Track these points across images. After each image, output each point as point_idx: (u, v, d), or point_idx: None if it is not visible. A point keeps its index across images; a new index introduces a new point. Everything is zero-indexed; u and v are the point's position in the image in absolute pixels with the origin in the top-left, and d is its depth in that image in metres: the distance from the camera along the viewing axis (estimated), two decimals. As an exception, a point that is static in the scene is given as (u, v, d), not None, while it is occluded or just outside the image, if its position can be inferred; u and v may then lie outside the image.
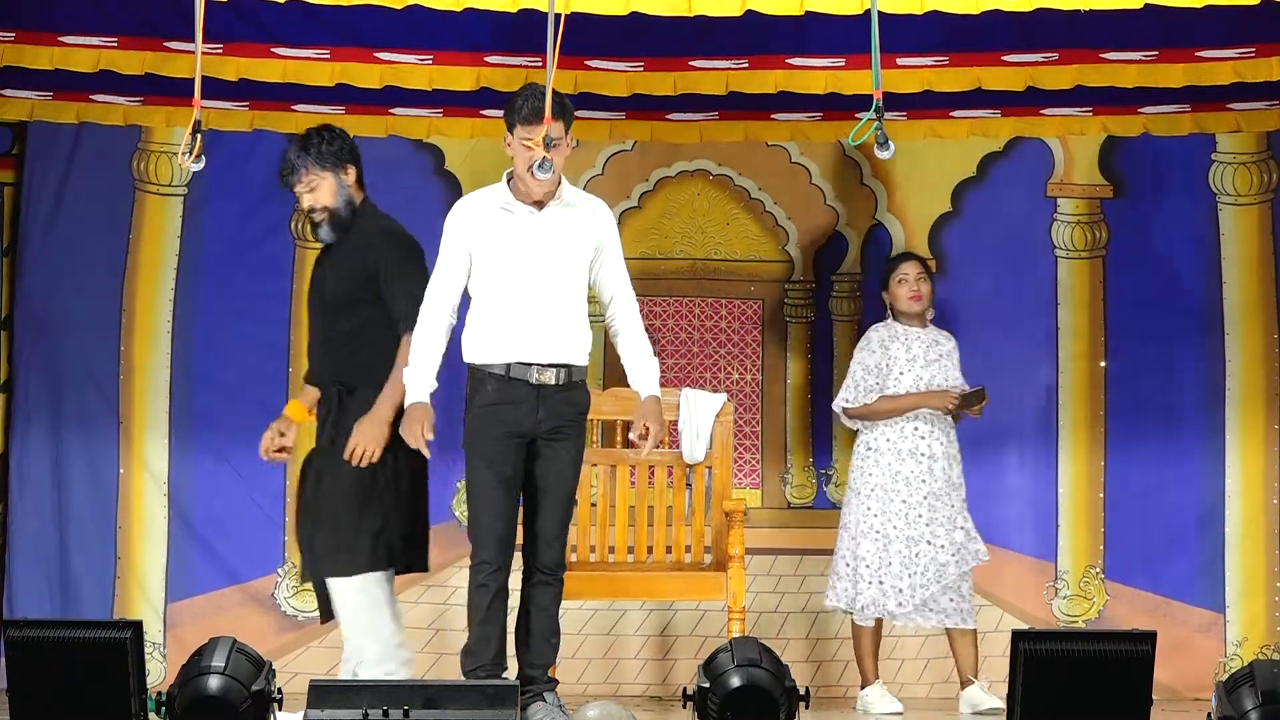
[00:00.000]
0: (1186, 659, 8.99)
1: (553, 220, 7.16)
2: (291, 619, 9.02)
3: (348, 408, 7.32)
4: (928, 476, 8.43)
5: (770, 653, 6.22)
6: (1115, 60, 8.18)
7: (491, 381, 7.15)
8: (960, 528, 8.43)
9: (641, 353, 7.30)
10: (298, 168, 7.39)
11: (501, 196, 7.20)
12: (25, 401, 9.00)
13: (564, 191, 7.20)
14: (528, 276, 7.13)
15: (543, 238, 7.14)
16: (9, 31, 7.89)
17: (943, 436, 8.48)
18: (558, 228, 7.16)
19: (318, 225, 7.45)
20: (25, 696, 6.01)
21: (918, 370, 8.49)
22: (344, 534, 7.25)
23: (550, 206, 7.17)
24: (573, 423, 7.20)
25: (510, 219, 7.17)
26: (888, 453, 8.45)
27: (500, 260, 7.15)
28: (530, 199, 7.16)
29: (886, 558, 8.37)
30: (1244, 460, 9.16)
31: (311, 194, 7.39)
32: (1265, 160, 9.27)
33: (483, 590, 7.15)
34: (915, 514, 8.39)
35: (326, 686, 6.13)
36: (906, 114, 8.80)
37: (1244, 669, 6.14)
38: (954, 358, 8.64)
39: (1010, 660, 6.17)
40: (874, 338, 8.59)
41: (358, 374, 7.34)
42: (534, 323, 7.11)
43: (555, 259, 7.14)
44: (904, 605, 8.34)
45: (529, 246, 7.14)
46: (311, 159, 7.37)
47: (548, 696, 7.14)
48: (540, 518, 7.21)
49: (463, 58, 8.24)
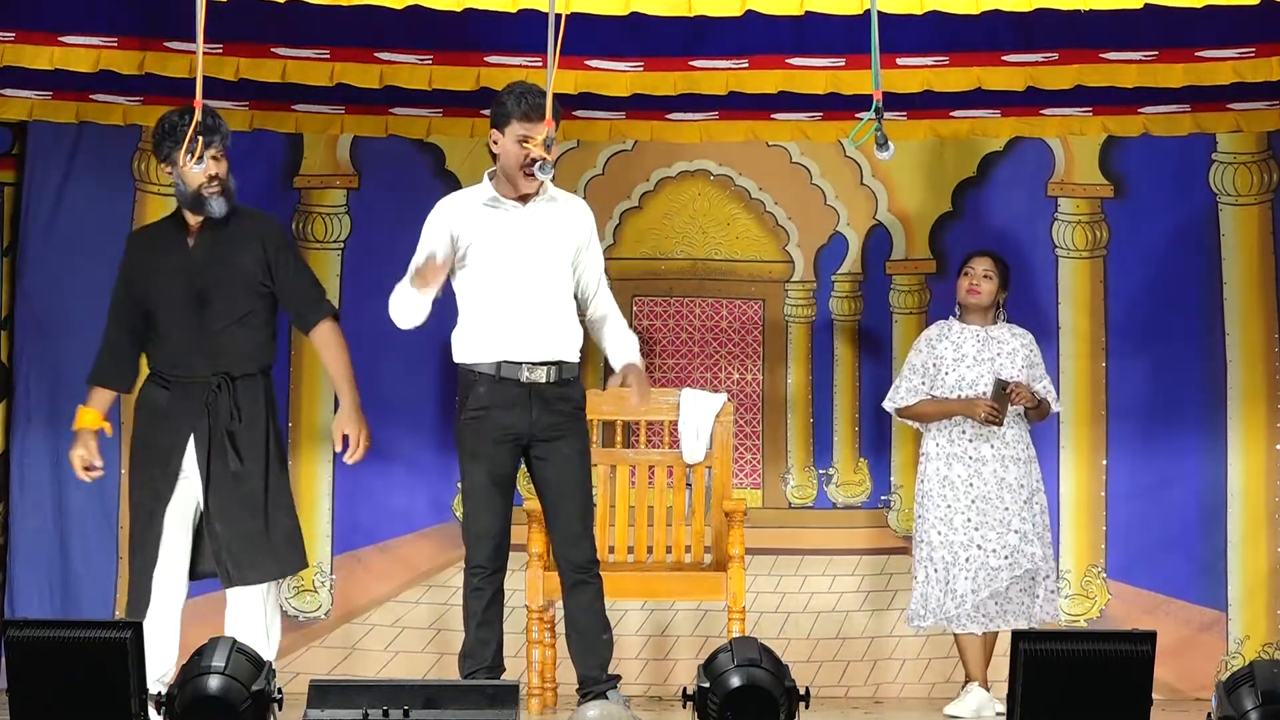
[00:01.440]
0: (1189, 658, 8.99)
1: (538, 215, 7.16)
2: (291, 619, 9.02)
3: (241, 398, 7.34)
4: (975, 480, 8.33)
5: (770, 653, 6.21)
6: (1115, 60, 8.18)
7: (483, 383, 7.14)
8: (1015, 531, 8.28)
9: (620, 330, 7.30)
10: (222, 133, 7.31)
11: (485, 193, 7.20)
12: (26, 401, 9.00)
13: (547, 187, 7.20)
14: (515, 272, 7.12)
15: (529, 233, 7.14)
16: (9, 31, 7.90)
17: (995, 439, 8.36)
18: (544, 223, 7.16)
19: (208, 198, 7.29)
20: (25, 696, 6.01)
21: (963, 370, 8.38)
22: (258, 537, 7.30)
23: (535, 201, 7.17)
24: (569, 419, 7.18)
25: (495, 214, 7.16)
26: (936, 458, 8.38)
27: (486, 257, 7.15)
28: (515, 195, 7.16)
29: (937, 564, 8.32)
30: (1245, 459, 9.16)
31: (217, 162, 7.30)
32: (1265, 160, 9.27)
33: (478, 594, 7.16)
34: (963, 519, 8.29)
35: (326, 686, 6.12)
36: (906, 114, 8.80)
37: (1244, 669, 6.13)
38: (1020, 355, 8.41)
39: (1010, 660, 6.16)
40: (924, 336, 8.52)
41: (246, 362, 7.36)
42: (523, 319, 7.11)
43: (542, 254, 7.14)
44: (962, 608, 8.27)
45: (515, 242, 7.13)
46: (225, 130, 7.33)
47: (610, 695, 7.13)
48: (560, 519, 7.20)
49: (463, 58, 8.24)
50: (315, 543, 9.06)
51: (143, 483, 7.39)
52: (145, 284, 7.41)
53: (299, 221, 9.14)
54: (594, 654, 7.22)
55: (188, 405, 7.35)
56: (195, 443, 7.35)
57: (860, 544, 9.19)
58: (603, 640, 7.24)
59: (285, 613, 9.03)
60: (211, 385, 7.35)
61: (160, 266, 7.39)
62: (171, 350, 7.38)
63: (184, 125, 7.16)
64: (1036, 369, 8.47)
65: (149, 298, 7.40)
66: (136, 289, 7.43)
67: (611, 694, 7.14)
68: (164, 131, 7.32)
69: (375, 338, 9.06)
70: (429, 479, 9.09)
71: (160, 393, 7.40)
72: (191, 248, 7.39)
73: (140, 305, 7.42)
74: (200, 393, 7.35)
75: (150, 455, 7.40)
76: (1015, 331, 8.51)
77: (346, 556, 9.09)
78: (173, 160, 7.27)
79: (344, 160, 9.20)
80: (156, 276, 7.39)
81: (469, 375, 7.18)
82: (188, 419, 7.35)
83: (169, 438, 7.37)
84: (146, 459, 7.40)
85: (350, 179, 9.20)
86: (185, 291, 7.35)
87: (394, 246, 9.12)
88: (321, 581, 9.06)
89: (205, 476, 7.31)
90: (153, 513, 7.34)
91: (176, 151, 7.19)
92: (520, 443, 7.15)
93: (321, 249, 9.16)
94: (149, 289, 7.40)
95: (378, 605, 9.09)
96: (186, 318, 7.34)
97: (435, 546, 9.11)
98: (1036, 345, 8.53)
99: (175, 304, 7.35)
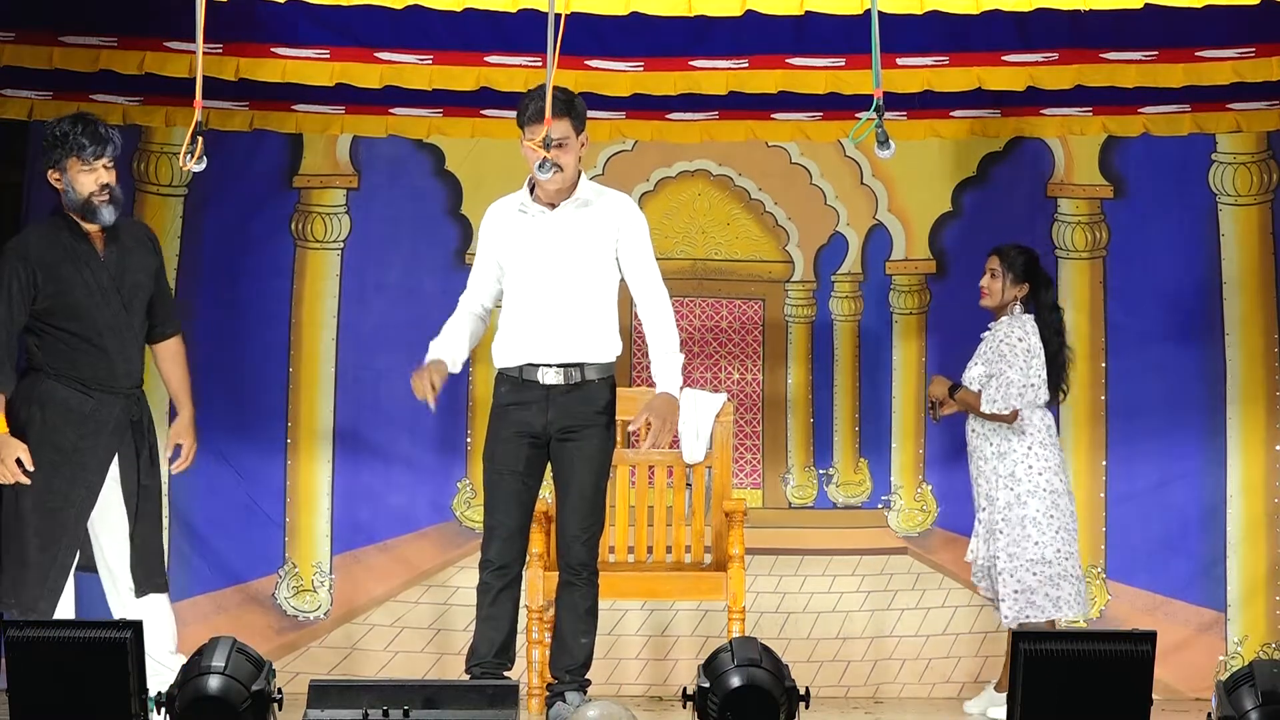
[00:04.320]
0: (1189, 658, 8.99)
1: (564, 220, 7.16)
2: (291, 619, 9.02)
3: (145, 411, 7.46)
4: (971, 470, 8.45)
5: (770, 653, 6.22)
6: (1115, 60, 8.19)
7: (506, 383, 7.20)
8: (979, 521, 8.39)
9: (664, 348, 7.20)
10: (115, 143, 7.32)
11: (520, 199, 7.22)
12: (26, 401, 8.99)
13: (581, 190, 7.19)
14: (536, 277, 7.14)
15: (552, 238, 7.15)
16: (9, 31, 7.90)
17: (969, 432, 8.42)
18: (568, 227, 7.16)
19: (98, 206, 7.27)
20: (25, 696, 6.01)
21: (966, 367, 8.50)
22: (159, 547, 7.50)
23: (563, 207, 7.17)
24: (587, 421, 7.16)
25: (525, 221, 7.19)
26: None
27: (514, 263, 7.20)
28: (544, 200, 7.17)
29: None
30: (1245, 459, 9.16)
31: (109, 172, 7.31)
32: (1265, 160, 9.27)
33: (485, 588, 7.18)
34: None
35: (326, 686, 6.13)
36: (906, 114, 8.80)
37: (1244, 669, 6.13)
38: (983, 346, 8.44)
39: (1010, 660, 6.17)
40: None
41: (142, 373, 7.44)
42: (542, 323, 7.13)
43: (564, 259, 7.14)
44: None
45: (538, 247, 7.15)
46: (118, 140, 7.35)
47: (568, 696, 7.13)
48: (561, 518, 7.22)
49: (463, 58, 8.24)
50: (315, 543, 9.07)
51: (60, 487, 7.29)
52: (63, 291, 7.30)
53: (299, 221, 9.14)
54: (565, 654, 7.22)
55: (113, 416, 7.34)
56: (121, 455, 7.37)
57: (860, 544, 9.19)
58: (579, 644, 7.21)
59: (285, 612, 9.04)
60: (133, 397, 7.39)
61: (79, 276, 7.31)
62: (97, 360, 7.32)
63: (76, 133, 7.22)
64: (989, 364, 8.33)
65: (68, 306, 7.30)
66: (48, 296, 7.29)
67: (569, 694, 7.13)
68: (55, 138, 7.29)
69: (374, 337, 9.08)
70: (429, 479, 9.09)
71: (79, 399, 7.32)
72: (104, 258, 7.36)
73: (49, 312, 7.29)
74: (123, 404, 7.36)
75: (70, 462, 7.31)
76: (1007, 323, 8.38)
77: (346, 556, 9.09)
78: (62, 167, 7.27)
79: (344, 160, 9.20)
80: (77, 285, 7.31)
81: (499, 377, 7.23)
82: (114, 430, 7.35)
83: (94, 446, 7.32)
84: (63, 464, 7.30)
85: (350, 179, 9.19)
86: (114, 302, 7.33)
87: (393, 246, 9.16)
88: (321, 581, 9.06)
89: (134, 487, 7.37)
90: (74, 521, 7.31)
91: (66, 159, 7.23)
92: (537, 441, 7.16)
93: (321, 249, 9.16)
94: (69, 297, 7.30)
95: (378, 605, 9.08)
96: (116, 329, 7.33)
97: (435, 546, 9.11)
98: (1014, 338, 8.33)
99: (105, 314, 7.32)
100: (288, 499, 9.01)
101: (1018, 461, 8.27)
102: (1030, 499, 8.24)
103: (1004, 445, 8.29)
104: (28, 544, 7.27)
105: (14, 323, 7.28)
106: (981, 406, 8.28)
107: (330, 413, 9.09)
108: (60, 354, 7.32)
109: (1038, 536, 8.22)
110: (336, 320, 9.12)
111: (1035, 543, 8.22)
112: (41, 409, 7.31)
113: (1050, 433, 8.34)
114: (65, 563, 7.31)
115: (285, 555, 9.03)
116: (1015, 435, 8.29)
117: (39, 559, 7.26)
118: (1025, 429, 8.28)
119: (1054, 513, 8.24)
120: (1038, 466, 8.26)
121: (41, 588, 7.25)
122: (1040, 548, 8.22)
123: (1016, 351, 8.29)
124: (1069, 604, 8.24)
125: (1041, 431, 8.30)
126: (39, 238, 7.39)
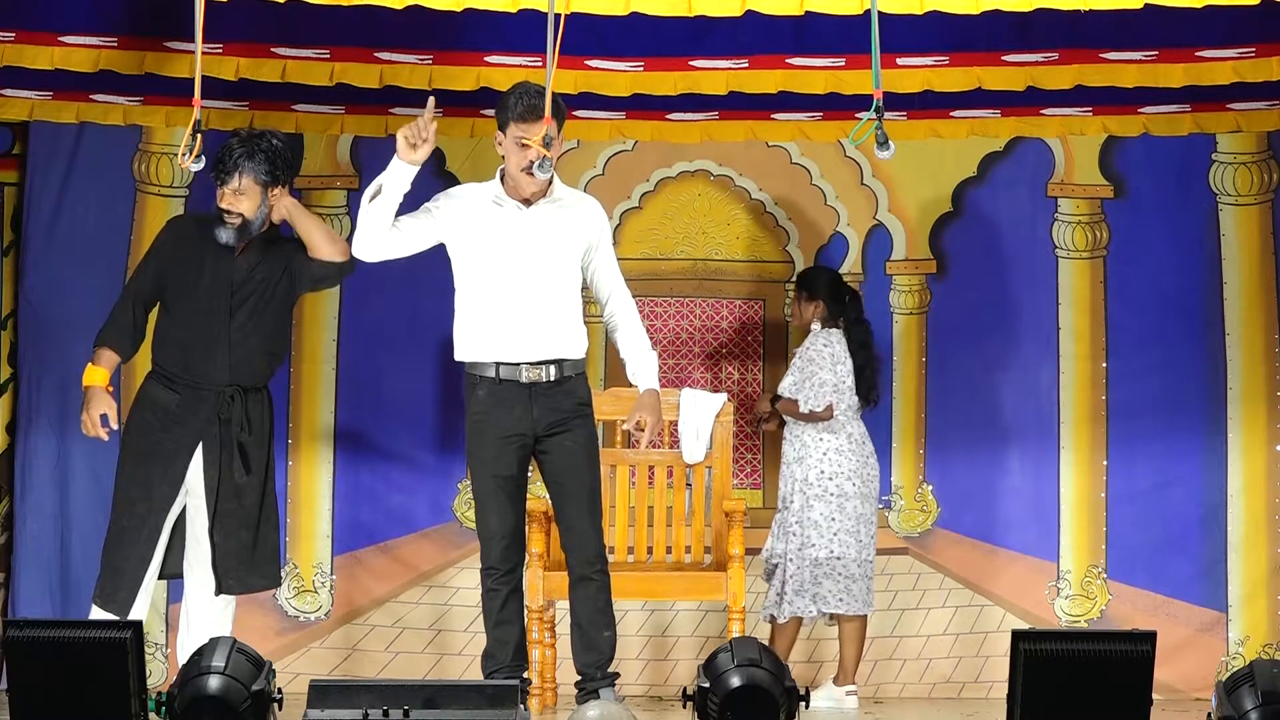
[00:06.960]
0: (1189, 658, 8.99)
1: (540, 217, 7.17)
2: (292, 619, 9.03)
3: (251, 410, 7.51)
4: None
5: (770, 653, 6.22)
6: (1115, 60, 8.18)
7: (483, 386, 7.17)
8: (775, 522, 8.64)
9: (639, 347, 7.32)
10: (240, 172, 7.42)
11: (494, 192, 7.21)
12: (29, 401, 8.99)
13: (555, 189, 7.22)
14: (513, 273, 7.13)
15: (529, 234, 7.15)
16: (9, 31, 7.89)
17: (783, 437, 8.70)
18: (545, 224, 7.17)
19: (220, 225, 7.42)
20: (25, 696, 6.01)
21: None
22: (246, 551, 7.51)
23: (539, 204, 7.19)
24: (573, 414, 7.19)
25: (498, 213, 7.18)
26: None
27: (485, 256, 7.16)
28: (519, 196, 7.17)
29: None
30: (1245, 459, 9.16)
31: (236, 197, 7.42)
32: (1265, 160, 9.27)
33: (492, 595, 7.20)
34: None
35: (326, 686, 6.12)
36: (906, 114, 8.80)
37: (1244, 669, 6.14)
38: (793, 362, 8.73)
39: (1010, 660, 6.16)
40: None
41: (258, 376, 7.56)
42: (520, 320, 7.12)
43: (541, 256, 7.15)
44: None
45: (514, 243, 7.15)
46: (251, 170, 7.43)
47: (603, 693, 7.14)
48: (565, 512, 7.22)
49: (462, 58, 8.24)
50: (315, 543, 9.07)
51: (141, 481, 7.41)
52: (177, 279, 7.46)
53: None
54: (593, 650, 7.22)
55: (199, 411, 7.39)
56: (204, 450, 7.40)
57: (860, 544, 9.18)
58: (603, 637, 7.23)
59: (285, 613, 9.05)
60: (226, 395, 7.39)
61: (200, 269, 7.44)
62: (188, 353, 7.43)
63: (220, 154, 7.37)
64: (800, 373, 8.60)
65: (175, 294, 7.46)
66: (170, 278, 7.48)
67: (605, 691, 7.15)
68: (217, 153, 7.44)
69: (375, 337, 9.08)
70: (429, 479, 9.09)
71: (166, 394, 7.43)
72: (237, 262, 7.46)
73: (164, 293, 7.48)
74: (212, 400, 7.40)
75: (153, 455, 7.42)
76: (811, 337, 8.65)
77: (347, 557, 9.09)
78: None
79: (344, 160, 9.20)
80: (190, 276, 7.44)
81: (471, 377, 7.21)
82: (198, 426, 7.40)
83: (175, 442, 7.41)
84: (147, 458, 7.42)
85: (350, 179, 9.20)
86: (223, 299, 7.41)
87: (394, 246, 9.12)
88: (322, 582, 9.06)
89: (214, 486, 7.39)
90: (150, 513, 7.39)
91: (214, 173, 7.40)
92: (525, 442, 7.17)
93: (322, 249, 9.15)
94: (179, 286, 7.46)
95: (378, 606, 9.08)
96: (214, 325, 7.41)
97: (435, 547, 9.10)
98: (819, 345, 8.57)
99: (208, 308, 7.42)
100: (288, 500, 9.01)
101: (811, 467, 8.53)
102: (817, 502, 8.50)
103: (802, 450, 8.57)
104: (111, 536, 7.44)
105: (141, 294, 7.51)
106: (800, 407, 8.52)
107: (330, 413, 9.09)
108: (156, 341, 7.52)
109: (816, 538, 8.46)
110: (337, 320, 9.12)
111: (814, 545, 8.47)
112: (139, 404, 7.50)
113: (856, 440, 8.55)
114: (144, 556, 7.37)
115: (286, 556, 9.02)
116: (814, 441, 8.53)
117: (115, 551, 7.40)
118: (836, 431, 8.52)
119: (836, 515, 8.47)
120: (829, 471, 8.51)
121: (120, 580, 7.36)
122: (815, 550, 8.45)
123: (824, 356, 8.57)
124: (836, 600, 8.46)
125: (843, 439, 8.53)
126: (192, 222, 7.73)
